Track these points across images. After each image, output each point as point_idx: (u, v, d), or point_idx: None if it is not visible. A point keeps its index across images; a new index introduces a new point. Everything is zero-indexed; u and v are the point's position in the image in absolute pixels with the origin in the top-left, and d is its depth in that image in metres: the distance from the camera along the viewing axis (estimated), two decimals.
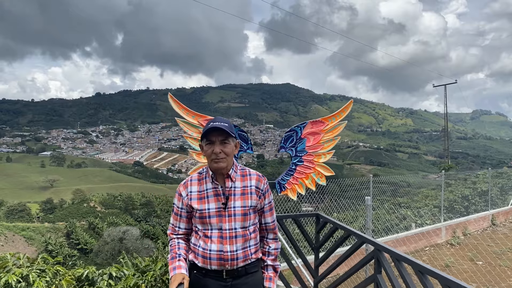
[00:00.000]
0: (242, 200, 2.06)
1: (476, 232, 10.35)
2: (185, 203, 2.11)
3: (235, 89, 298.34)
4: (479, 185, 13.50)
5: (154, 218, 58.22)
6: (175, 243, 2.13)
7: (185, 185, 2.15)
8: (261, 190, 2.13)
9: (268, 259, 2.19)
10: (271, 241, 2.22)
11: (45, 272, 2.40)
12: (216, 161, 2.01)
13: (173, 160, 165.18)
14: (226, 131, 2.00)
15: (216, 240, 2.01)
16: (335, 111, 4.29)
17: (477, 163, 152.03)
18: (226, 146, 2.02)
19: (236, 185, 2.08)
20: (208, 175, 2.12)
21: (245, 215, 2.05)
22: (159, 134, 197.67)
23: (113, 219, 52.60)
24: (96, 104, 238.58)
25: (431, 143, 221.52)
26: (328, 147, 3.99)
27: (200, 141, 2.12)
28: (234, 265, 2.01)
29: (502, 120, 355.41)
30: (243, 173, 2.13)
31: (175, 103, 3.79)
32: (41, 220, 53.84)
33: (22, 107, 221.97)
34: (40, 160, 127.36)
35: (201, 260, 2.04)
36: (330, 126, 3.99)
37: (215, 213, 2.02)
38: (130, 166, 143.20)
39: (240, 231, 2.03)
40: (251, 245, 2.08)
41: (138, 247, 35.49)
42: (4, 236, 39.40)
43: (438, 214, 10.10)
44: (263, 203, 2.15)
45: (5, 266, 2.37)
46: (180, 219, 2.15)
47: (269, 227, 2.20)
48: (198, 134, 3.74)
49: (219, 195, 2.06)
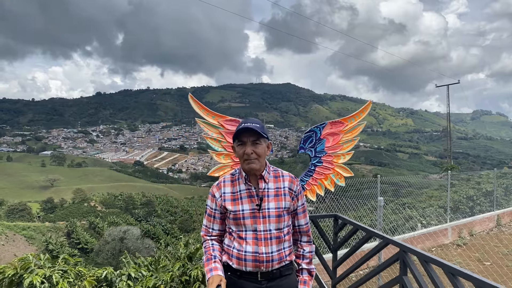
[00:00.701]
0: (276, 201, 2.04)
1: (482, 232, 10.29)
2: (218, 205, 2.10)
3: (236, 89, 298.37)
4: (483, 185, 13.45)
5: (155, 218, 58.20)
6: (209, 245, 2.11)
7: (218, 186, 2.14)
8: (294, 192, 2.10)
9: (303, 263, 2.16)
10: (305, 244, 2.19)
11: (67, 273, 2.35)
12: (248, 162, 2.00)
13: (174, 159, 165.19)
14: (257, 131, 1.98)
15: (251, 241, 1.99)
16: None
17: (477, 163, 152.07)
18: (258, 147, 2.00)
19: (269, 187, 2.06)
20: (241, 176, 2.10)
21: (279, 216, 2.03)
22: (159, 134, 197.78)
23: (114, 219, 52.59)
24: (96, 104, 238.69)
25: (432, 143, 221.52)
26: (347, 148, 3.98)
27: (232, 142, 2.10)
28: (269, 267, 1.99)
29: (502, 120, 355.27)
30: (275, 174, 2.11)
31: (195, 103, 3.75)
32: (41, 219, 53.83)
33: (22, 106, 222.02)
34: (40, 159, 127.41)
35: (236, 262, 2.02)
36: (350, 127, 3.97)
37: (249, 214, 2.01)
38: (131, 166, 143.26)
39: (274, 232, 2.01)
40: (286, 247, 2.06)
41: (139, 247, 35.46)
42: (5, 236, 39.39)
43: (444, 214, 10.04)
44: (296, 205, 2.12)
45: (28, 267, 2.32)
46: (213, 220, 2.14)
47: (302, 230, 2.17)
48: (218, 135, 3.70)
49: (252, 196, 2.04)
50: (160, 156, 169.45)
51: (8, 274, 2.24)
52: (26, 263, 2.37)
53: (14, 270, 2.26)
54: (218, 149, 3.71)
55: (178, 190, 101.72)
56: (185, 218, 61.65)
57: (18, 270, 2.28)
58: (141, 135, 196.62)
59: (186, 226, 57.99)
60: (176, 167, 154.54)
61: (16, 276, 2.23)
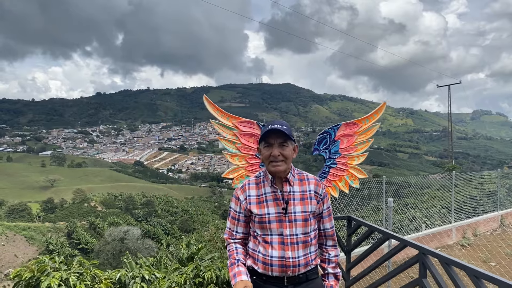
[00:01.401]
0: (302, 205, 2.00)
1: (486, 233, 10.25)
2: (243, 207, 2.07)
3: (236, 89, 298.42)
4: (486, 185, 13.41)
5: (155, 218, 58.15)
6: (233, 248, 2.08)
7: (243, 189, 2.11)
8: (320, 195, 2.07)
9: (328, 267, 2.14)
10: (331, 248, 2.16)
11: (83, 275, 2.32)
12: (274, 164, 1.96)
13: (174, 160, 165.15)
14: (285, 133, 1.95)
15: (277, 246, 1.96)
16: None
17: (477, 163, 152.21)
18: (285, 149, 1.97)
19: (295, 190, 2.03)
20: (266, 178, 2.06)
21: (306, 220, 2.00)
22: (159, 134, 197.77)
23: (114, 219, 52.54)
24: (96, 104, 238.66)
25: (432, 143, 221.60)
26: (361, 149, 3.95)
27: (258, 144, 2.08)
28: (296, 272, 1.96)
29: (502, 120, 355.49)
30: (300, 177, 2.08)
31: (210, 105, 3.73)
32: (42, 219, 53.79)
33: (22, 106, 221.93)
34: (40, 159, 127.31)
35: (262, 266, 1.98)
36: (364, 128, 3.95)
37: (275, 218, 1.97)
38: (131, 166, 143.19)
39: (301, 237, 1.98)
40: (312, 251, 2.04)
41: (139, 247, 35.43)
42: (5, 236, 39.35)
43: (447, 215, 10.00)
44: (321, 208, 2.09)
45: (44, 270, 2.29)
46: (237, 223, 2.11)
47: (328, 233, 2.14)
48: (232, 136, 3.68)
49: (278, 199, 2.00)
50: (160, 156, 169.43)
51: (25, 277, 2.21)
52: (42, 265, 2.33)
53: (31, 273, 2.23)
54: (232, 150, 3.68)
55: (178, 190, 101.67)
56: (185, 218, 61.63)
57: (35, 273, 2.24)
58: (141, 135, 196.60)
59: (186, 226, 57.98)
60: (176, 167, 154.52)
61: (33, 279, 2.20)
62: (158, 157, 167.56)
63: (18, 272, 2.27)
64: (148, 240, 42.15)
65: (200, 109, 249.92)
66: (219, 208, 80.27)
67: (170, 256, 9.59)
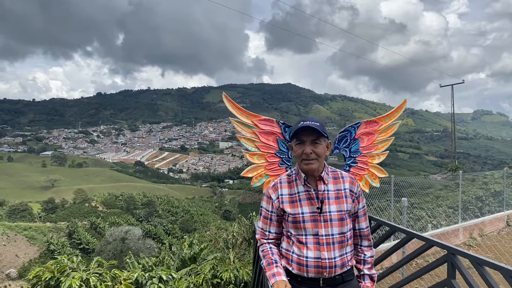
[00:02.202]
0: (337, 204, 1.95)
1: (492, 233, 10.18)
2: (275, 207, 2.02)
3: (236, 89, 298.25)
4: (491, 185, 13.33)
5: (156, 218, 58.16)
6: (267, 248, 2.04)
7: (275, 188, 2.05)
8: (355, 194, 2.03)
9: (364, 268, 2.08)
10: (366, 248, 2.10)
11: (102, 276, 2.26)
12: (306, 162, 1.93)
13: (174, 160, 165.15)
14: (317, 130, 1.90)
15: (312, 246, 1.92)
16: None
17: (478, 164, 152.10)
18: (317, 147, 1.93)
19: (329, 188, 1.98)
20: (298, 177, 2.01)
21: (342, 220, 1.94)
22: (160, 134, 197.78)
23: (115, 219, 52.55)
24: (97, 104, 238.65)
25: (432, 143, 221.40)
26: (382, 148, 3.89)
27: (290, 141, 2.03)
28: (332, 273, 1.91)
29: (503, 120, 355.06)
30: (335, 175, 2.03)
31: (229, 102, 3.66)
32: (43, 219, 53.77)
33: (23, 106, 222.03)
34: (41, 159, 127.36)
35: (296, 267, 1.94)
36: (384, 126, 3.89)
37: (310, 217, 1.93)
38: (131, 166, 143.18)
39: (337, 237, 1.92)
40: (348, 252, 1.98)
41: (140, 247, 35.41)
42: (6, 236, 39.32)
43: (453, 215, 9.93)
44: (357, 207, 2.05)
45: (64, 270, 2.23)
46: (270, 223, 2.07)
47: (363, 233, 2.09)
48: (251, 135, 3.62)
49: (312, 198, 1.95)
50: (161, 156, 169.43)
51: (45, 277, 2.14)
52: (62, 266, 2.27)
53: (51, 274, 2.16)
54: (251, 149, 3.61)
55: (179, 190, 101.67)
56: (186, 218, 61.65)
57: (55, 273, 2.18)
58: (142, 135, 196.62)
59: (187, 226, 58.01)
60: (176, 167, 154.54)
61: (53, 279, 2.14)
62: (159, 157, 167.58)
63: (37, 273, 2.21)
64: (149, 240, 42.15)
65: (200, 109, 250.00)
66: (220, 208, 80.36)
67: (172, 256, 9.52)
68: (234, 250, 13.52)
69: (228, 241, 16.59)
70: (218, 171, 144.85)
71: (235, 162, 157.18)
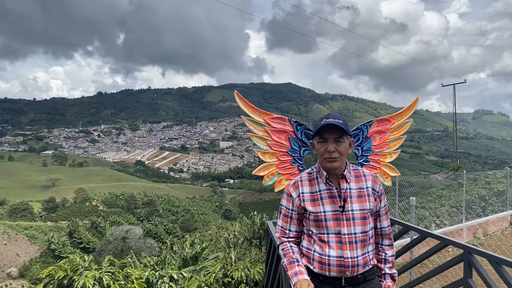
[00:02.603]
0: (360, 202, 1.93)
1: (496, 232, 10.14)
2: (296, 205, 2.01)
3: (237, 88, 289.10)
4: (494, 185, 13.30)
5: (156, 218, 58.16)
6: (287, 247, 2.02)
7: (295, 186, 2.04)
8: (377, 192, 2.01)
9: (385, 267, 2.06)
10: (387, 247, 2.08)
11: (115, 275, 2.23)
12: (329, 160, 1.90)
13: (175, 159, 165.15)
14: (341, 128, 1.86)
15: (334, 245, 1.90)
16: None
17: (479, 163, 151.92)
18: (340, 145, 1.90)
19: (352, 187, 1.96)
20: (320, 175, 1.99)
21: (364, 218, 1.92)
22: (160, 133, 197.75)
23: (116, 218, 52.55)
24: (97, 103, 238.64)
25: (433, 143, 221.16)
26: (394, 146, 3.87)
27: (312, 139, 2.00)
28: (354, 272, 1.89)
29: (504, 120, 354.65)
30: (357, 174, 2.01)
31: (241, 101, 3.63)
32: (43, 219, 53.75)
33: (24, 106, 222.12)
34: (42, 159, 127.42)
35: (318, 266, 1.92)
36: (396, 125, 3.88)
37: (332, 216, 1.92)
38: (132, 165, 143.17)
39: (360, 236, 1.90)
40: (370, 251, 1.96)
41: (141, 246, 35.43)
42: (7, 235, 39.32)
43: (456, 214, 9.89)
44: (379, 206, 2.03)
45: (77, 269, 2.20)
46: (290, 221, 2.05)
47: (385, 232, 2.07)
48: (264, 133, 3.59)
49: (334, 197, 1.94)
50: (161, 155, 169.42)
51: (58, 276, 2.11)
52: (75, 264, 2.24)
53: (64, 272, 2.13)
54: (263, 147, 3.58)
55: (180, 189, 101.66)
56: (186, 218, 61.64)
57: (68, 272, 2.15)
58: (142, 135, 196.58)
59: (188, 226, 58.01)
60: (177, 167, 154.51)
61: (66, 278, 2.11)
62: (159, 157, 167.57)
63: (50, 272, 2.18)
64: (150, 239, 42.17)
65: (201, 109, 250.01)
66: (220, 207, 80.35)
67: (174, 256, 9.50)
68: (235, 249, 13.51)
69: (229, 240, 16.56)
70: (219, 170, 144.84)
71: (236, 162, 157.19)
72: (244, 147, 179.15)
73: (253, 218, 13.66)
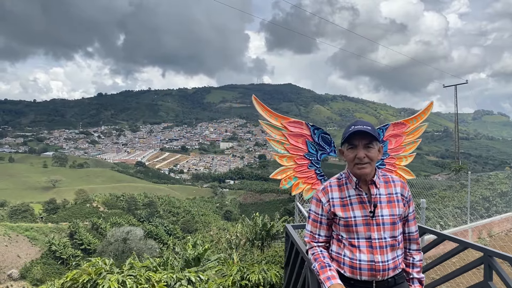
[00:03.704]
0: (390, 208, 1.97)
1: (500, 233, 10.11)
2: (325, 210, 2.05)
3: (237, 89, 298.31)
4: (498, 186, 13.26)
5: (157, 219, 58.11)
6: (317, 251, 2.07)
7: (325, 191, 2.07)
8: (406, 198, 2.06)
9: (413, 271, 2.10)
10: (415, 252, 2.12)
11: (137, 278, 2.22)
12: (359, 166, 1.94)
13: (175, 160, 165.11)
14: (370, 134, 1.90)
15: (365, 250, 1.94)
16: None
17: (479, 164, 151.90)
18: (370, 151, 1.94)
19: (381, 192, 2.00)
20: (349, 181, 2.03)
21: (394, 224, 1.97)
22: (160, 134, 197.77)
23: (116, 220, 52.52)
24: (98, 105, 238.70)
25: (433, 144, 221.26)
26: (409, 150, 3.88)
27: (341, 146, 2.04)
28: (385, 276, 1.94)
29: (504, 120, 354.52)
30: (385, 180, 2.05)
31: (258, 105, 3.63)
32: (44, 220, 53.71)
33: (24, 107, 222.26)
34: (42, 160, 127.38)
35: (349, 270, 1.97)
36: (412, 128, 3.89)
37: (362, 221, 1.96)
38: (132, 167, 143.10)
39: (389, 240, 1.95)
40: (399, 255, 2.01)
41: (142, 248, 35.41)
42: (8, 237, 39.28)
43: (460, 215, 9.86)
44: (407, 211, 2.07)
45: (100, 272, 2.18)
46: (320, 226, 2.09)
47: (412, 237, 2.11)
48: (281, 137, 3.59)
49: (364, 202, 1.98)
50: (162, 156, 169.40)
51: (83, 279, 2.10)
52: (98, 268, 2.23)
53: (89, 276, 2.12)
54: (281, 151, 3.58)
55: (180, 190, 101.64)
56: (187, 219, 61.60)
57: (92, 276, 2.13)
58: (143, 136, 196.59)
59: (189, 227, 57.98)
60: (177, 168, 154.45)
61: (90, 281, 2.10)
62: (160, 158, 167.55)
63: (74, 275, 2.17)
64: (151, 240, 42.15)
65: (201, 110, 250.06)
66: (221, 208, 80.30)
67: (176, 257, 9.46)
68: (237, 250, 13.44)
69: (231, 241, 16.50)
70: (219, 171, 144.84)
71: (236, 163, 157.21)
72: (244, 148, 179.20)
73: (255, 219, 13.63)
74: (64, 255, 39.97)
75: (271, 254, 8.07)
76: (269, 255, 8.02)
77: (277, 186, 25.08)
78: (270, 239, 12.52)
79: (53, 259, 40.05)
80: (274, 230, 12.47)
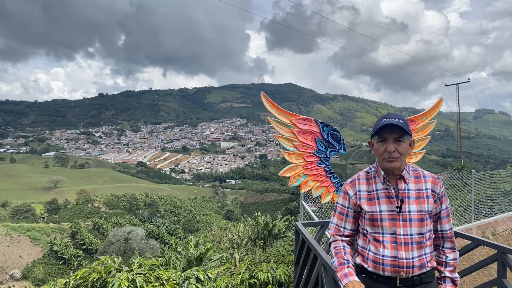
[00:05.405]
0: (418, 204, 1.91)
1: (504, 232, 10.08)
2: (352, 203, 2.02)
3: (237, 89, 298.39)
4: (501, 184, 13.23)
5: (158, 218, 58.16)
6: (340, 246, 2.03)
7: (352, 184, 2.05)
8: (438, 194, 1.98)
9: (445, 270, 2.02)
10: (449, 250, 2.04)
11: (147, 276, 2.20)
12: (389, 160, 1.89)
13: (176, 160, 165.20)
14: (401, 127, 1.85)
15: (389, 245, 1.90)
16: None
17: (480, 163, 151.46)
18: (401, 145, 1.89)
19: (410, 188, 1.94)
20: (378, 174, 1.98)
21: (421, 220, 1.90)
22: (161, 135, 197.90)
23: (118, 220, 52.58)
24: (99, 105, 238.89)
25: (434, 143, 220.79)
26: (419, 147, 3.83)
27: (370, 138, 1.99)
28: (409, 273, 1.88)
29: (505, 119, 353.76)
30: (416, 175, 1.99)
31: (268, 102, 3.59)
32: (46, 220, 53.79)
33: (25, 108, 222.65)
34: (43, 160, 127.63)
35: (372, 265, 1.93)
36: (421, 125, 3.85)
37: (388, 216, 1.92)
38: (133, 167, 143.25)
39: (416, 237, 1.88)
40: (427, 253, 1.93)
41: (143, 247, 35.39)
42: (10, 237, 39.33)
43: (464, 214, 9.82)
44: (439, 208, 2.00)
45: (110, 271, 2.16)
46: (346, 219, 2.06)
47: (446, 235, 2.03)
48: (290, 134, 3.55)
49: (391, 197, 1.94)
50: (163, 156, 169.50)
51: (92, 278, 2.08)
52: (108, 267, 2.21)
53: (98, 274, 2.10)
54: (289, 148, 3.54)
55: (181, 190, 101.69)
56: (188, 219, 61.63)
57: (102, 274, 2.11)
58: (144, 136, 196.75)
59: (190, 227, 58.01)
60: (178, 168, 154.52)
61: (100, 280, 2.08)
62: (161, 158, 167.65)
63: (83, 274, 2.15)
64: (152, 240, 42.12)
65: (202, 110, 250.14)
66: (222, 208, 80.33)
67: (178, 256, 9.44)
68: (239, 250, 13.41)
69: (233, 241, 16.45)
70: (220, 171, 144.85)
71: (237, 162, 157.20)
72: (245, 147, 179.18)
73: (257, 219, 13.60)
74: (66, 255, 40.02)
75: (274, 253, 8.05)
76: (272, 254, 7.99)
77: (278, 185, 25.33)
78: (272, 238, 12.49)
79: (55, 259, 40.10)
80: (276, 229, 12.45)
